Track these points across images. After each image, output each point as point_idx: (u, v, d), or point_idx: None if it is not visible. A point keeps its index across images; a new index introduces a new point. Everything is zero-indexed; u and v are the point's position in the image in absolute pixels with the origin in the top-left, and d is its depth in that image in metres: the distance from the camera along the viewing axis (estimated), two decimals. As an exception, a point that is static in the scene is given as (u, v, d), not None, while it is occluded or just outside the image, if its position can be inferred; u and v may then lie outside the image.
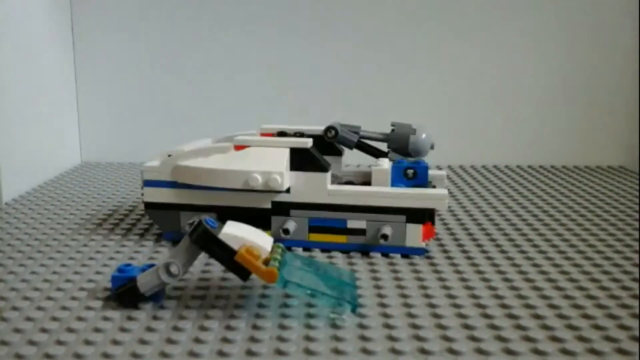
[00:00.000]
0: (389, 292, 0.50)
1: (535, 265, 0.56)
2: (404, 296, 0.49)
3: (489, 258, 0.58)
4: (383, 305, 0.47)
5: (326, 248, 0.59)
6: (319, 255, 0.58)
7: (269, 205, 0.59)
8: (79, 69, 1.00)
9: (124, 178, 0.90)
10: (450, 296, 0.49)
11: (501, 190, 0.84)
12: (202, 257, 0.57)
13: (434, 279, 0.53)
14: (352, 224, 0.58)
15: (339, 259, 0.57)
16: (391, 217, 0.58)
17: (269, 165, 0.57)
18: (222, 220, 0.52)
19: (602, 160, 1.03)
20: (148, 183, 0.61)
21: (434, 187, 0.61)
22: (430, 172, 0.61)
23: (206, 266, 0.55)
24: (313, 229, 0.59)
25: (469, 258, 0.58)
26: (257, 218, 0.58)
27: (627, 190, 0.85)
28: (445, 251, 0.60)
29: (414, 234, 0.58)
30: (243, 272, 0.45)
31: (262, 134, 0.64)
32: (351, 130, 0.64)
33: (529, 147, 1.03)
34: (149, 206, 0.62)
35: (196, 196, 0.60)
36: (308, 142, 0.58)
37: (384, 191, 0.58)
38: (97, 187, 0.85)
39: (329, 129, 0.63)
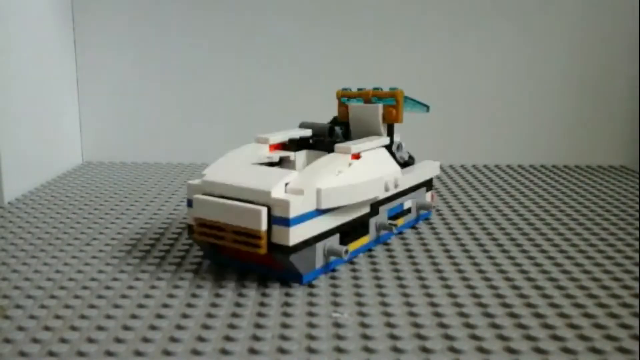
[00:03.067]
0: (391, 290, 0.50)
1: (537, 264, 0.56)
2: (405, 295, 0.49)
3: (490, 257, 0.58)
4: (384, 304, 0.48)
5: (399, 231, 0.65)
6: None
7: (368, 210, 0.58)
8: (81, 68, 1.00)
9: (126, 177, 0.90)
10: (452, 295, 0.49)
11: (502, 190, 0.85)
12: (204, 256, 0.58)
13: (435, 278, 0.53)
14: (407, 204, 0.65)
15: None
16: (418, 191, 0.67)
17: (389, 168, 0.59)
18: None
19: (603, 160, 1.03)
20: (295, 221, 0.48)
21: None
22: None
23: (209, 265, 0.55)
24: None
25: (471, 257, 0.58)
26: (361, 225, 0.57)
27: (628, 189, 0.85)
28: (446, 250, 0.60)
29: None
30: None
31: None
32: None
33: (531, 147, 1.03)
34: (295, 248, 0.49)
35: (332, 219, 0.53)
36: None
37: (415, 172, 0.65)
38: (99, 186, 0.85)
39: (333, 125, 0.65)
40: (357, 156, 0.56)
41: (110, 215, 0.70)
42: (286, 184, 0.50)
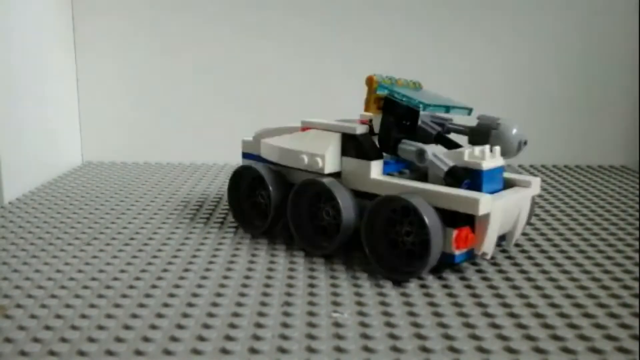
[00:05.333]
0: (390, 291, 0.50)
1: (537, 264, 0.56)
2: (405, 295, 0.49)
3: (490, 257, 0.58)
4: (384, 303, 0.48)
5: None
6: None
7: None
8: (80, 68, 1.00)
9: (126, 177, 0.90)
10: (451, 295, 0.49)
11: (502, 190, 0.84)
12: (206, 254, 0.58)
13: (435, 278, 0.53)
14: None
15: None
16: None
17: (315, 147, 0.59)
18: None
19: (603, 160, 1.03)
20: (245, 155, 0.69)
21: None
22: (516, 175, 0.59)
23: (209, 264, 0.55)
24: None
25: (470, 257, 0.58)
26: None
27: (628, 189, 0.85)
28: (446, 250, 0.60)
29: (446, 238, 0.51)
30: None
31: (303, 129, 0.63)
32: (435, 121, 0.59)
33: (531, 147, 1.02)
34: None
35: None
36: (359, 129, 0.58)
37: (422, 187, 0.53)
38: (100, 186, 0.85)
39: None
40: (306, 129, 0.62)
41: (111, 216, 0.70)
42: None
